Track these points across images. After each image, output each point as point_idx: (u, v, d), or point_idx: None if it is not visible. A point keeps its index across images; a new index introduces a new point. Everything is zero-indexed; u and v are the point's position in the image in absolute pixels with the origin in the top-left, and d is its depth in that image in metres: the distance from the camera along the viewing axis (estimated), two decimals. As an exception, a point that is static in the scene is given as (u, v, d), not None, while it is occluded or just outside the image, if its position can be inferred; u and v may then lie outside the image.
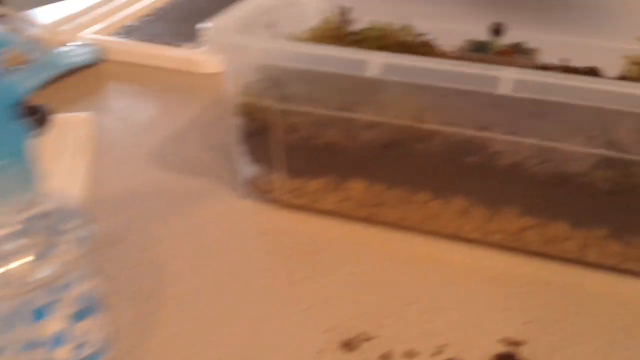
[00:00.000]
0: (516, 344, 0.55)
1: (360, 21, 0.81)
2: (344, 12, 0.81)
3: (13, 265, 0.41)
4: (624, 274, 0.62)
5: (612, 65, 0.74)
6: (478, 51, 0.76)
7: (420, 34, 0.78)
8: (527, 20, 0.77)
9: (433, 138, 0.62)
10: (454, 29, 0.79)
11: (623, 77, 0.74)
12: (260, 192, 0.71)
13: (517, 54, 0.75)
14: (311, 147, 0.66)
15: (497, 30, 0.75)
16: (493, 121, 0.59)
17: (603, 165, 0.58)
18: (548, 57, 0.76)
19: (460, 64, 0.56)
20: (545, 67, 0.77)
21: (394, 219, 0.67)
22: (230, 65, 0.67)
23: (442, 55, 0.76)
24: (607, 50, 0.75)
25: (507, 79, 0.55)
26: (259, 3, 0.72)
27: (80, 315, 0.45)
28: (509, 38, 0.76)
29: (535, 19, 0.77)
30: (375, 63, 0.57)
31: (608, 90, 0.53)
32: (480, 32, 0.77)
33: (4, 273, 0.41)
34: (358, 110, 0.62)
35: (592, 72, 0.76)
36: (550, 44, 0.76)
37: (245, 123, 0.68)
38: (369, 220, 0.68)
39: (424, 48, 0.77)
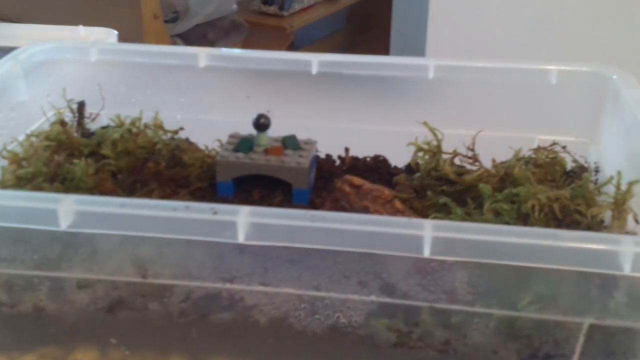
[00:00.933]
0: None
1: (102, 116, 0.66)
2: (79, 108, 0.65)
3: None
4: None
5: (398, 152, 0.63)
6: (243, 150, 0.62)
7: (173, 131, 0.63)
8: (299, 107, 0.64)
9: (170, 294, 0.47)
10: (214, 121, 0.65)
11: (412, 165, 0.63)
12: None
13: (290, 151, 0.61)
14: (14, 315, 0.49)
15: (261, 125, 0.61)
16: (238, 271, 0.45)
17: (381, 313, 0.45)
18: (327, 147, 0.64)
19: (184, 208, 0.42)
20: (328, 160, 0.65)
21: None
22: None
23: (202, 158, 0.62)
24: (390, 135, 0.64)
25: (243, 224, 0.41)
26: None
27: None
28: (279, 129, 0.63)
29: (309, 106, 0.65)
30: (65, 212, 0.42)
31: (371, 232, 0.40)
32: (244, 123, 0.63)
33: None
34: (63, 267, 0.47)
35: (378, 160, 0.65)
36: (329, 131, 0.64)
37: None
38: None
39: (176, 151, 0.62)
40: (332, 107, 0.65)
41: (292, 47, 2.66)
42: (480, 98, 0.64)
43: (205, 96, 0.66)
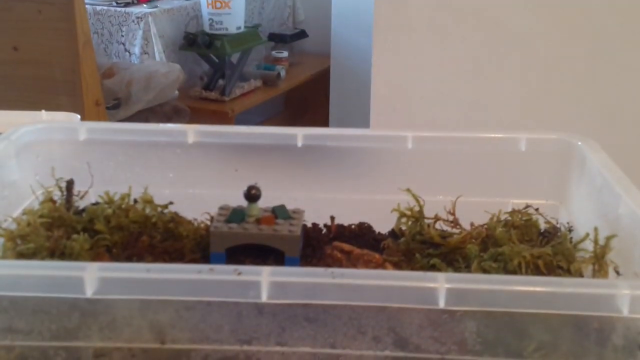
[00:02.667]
0: None
1: (90, 194, 0.67)
2: (68, 186, 0.66)
3: None
4: None
5: (382, 219, 0.66)
6: (235, 220, 0.64)
7: (163, 205, 0.65)
8: (285, 179, 0.67)
9: (187, 359, 0.47)
10: (202, 195, 0.67)
11: (396, 231, 0.66)
12: None
13: (280, 220, 0.64)
14: (26, 388, 0.49)
15: (252, 196, 0.63)
16: (256, 332, 0.46)
17: (395, 368, 0.47)
18: (313, 216, 0.66)
19: (202, 271, 0.43)
20: (315, 228, 0.67)
21: None
22: None
23: (195, 230, 0.63)
24: (373, 203, 0.67)
25: (266, 283, 0.43)
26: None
27: None
28: (267, 200, 0.65)
29: (295, 177, 0.68)
30: (91, 278, 0.43)
31: (388, 286, 0.43)
32: (232, 196, 0.65)
33: None
34: (81, 337, 0.47)
35: (363, 227, 0.68)
36: (314, 201, 0.66)
37: None
38: None
39: (171, 224, 0.63)
40: (316, 177, 0.68)
41: (235, 131, 2.69)
42: (455, 165, 0.68)
43: (194, 171, 0.68)
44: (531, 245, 0.61)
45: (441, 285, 0.43)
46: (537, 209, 0.65)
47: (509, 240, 0.60)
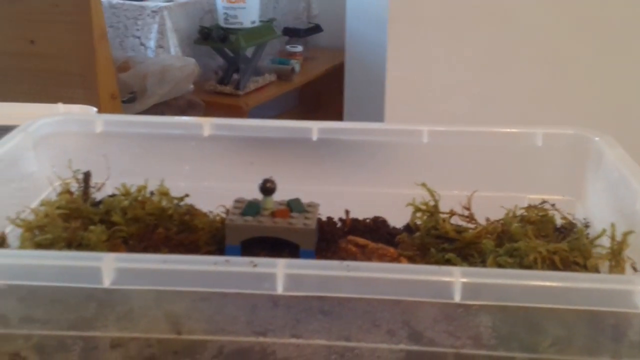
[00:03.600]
0: None
1: (106, 186, 0.67)
2: (85, 178, 0.66)
3: None
4: None
5: (397, 213, 0.66)
6: (250, 213, 0.64)
7: (179, 198, 0.65)
8: (300, 172, 0.67)
9: (203, 350, 0.48)
10: (218, 187, 0.67)
11: (411, 225, 0.66)
12: None
13: (295, 213, 0.64)
14: (42, 377, 0.49)
15: (267, 189, 0.63)
16: (271, 324, 0.47)
17: (410, 361, 0.47)
18: (329, 209, 0.66)
19: (218, 262, 0.43)
20: (329, 222, 0.67)
21: None
22: None
23: (210, 223, 0.64)
24: (388, 197, 0.67)
25: (281, 275, 0.43)
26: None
27: None
28: (281, 193, 0.66)
29: (310, 171, 0.68)
30: (108, 268, 0.43)
31: (403, 280, 0.43)
32: (247, 189, 0.65)
33: None
34: (98, 326, 0.47)
35: (378, 221, 0.68)
36: (329, 195, 0.66)
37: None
38: None
39: (186, 216, 0.64)
40: (332, 171, 0.68)
41: (249, 125, 2.69)
42: (471, 160, 0.68)
43: (209, 164, 0.68)
44: (547, 241, 0.61)
45: (457, 279, 0.43)
46: (553, 205, 0.64)
47: (525, 236, 0.60)
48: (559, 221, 0.64)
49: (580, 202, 0.66)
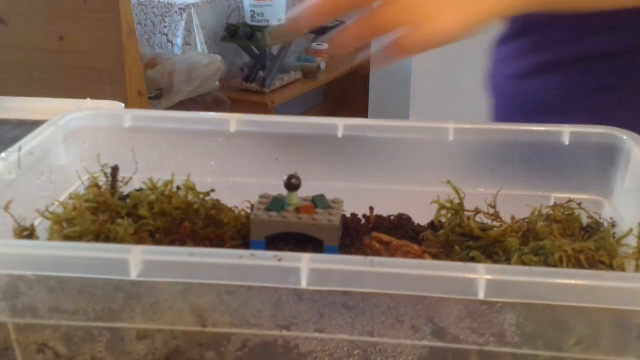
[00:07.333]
0: None
1: (134, 180, 0.68)
2: (113, 172, 0.67)
3: None
4: None
5: (422, 211, 0.66)
6: (275, 209, 0.64)
7: (205, 193, 0.66)
8: (325, 169, 0.67)
9: (227, 342, 0.48)
10: (243, 183, 0.68)
11: (435, 222, 0.66)
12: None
13: (320, 209, 0.64)
14: (69, 367, 0.50)
15: (292, 185, 0.64)
16: (295, 318, 0.47)
17: (432, 358, 0.47)
18: (352, 206, 0.66)
19: (243, 256, 0.44)
20: (353, 218, 0.67)
21: None
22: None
23: (235, 218, 0.64)
24: (413, 194, 0.67)
25: (305, 269, 0.43)
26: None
27: None
28: (306, 189, 0.66)
29: (335, 167, 0.68)
30: (135, 260, 0.44)
31: (427, 276, 0.43)
32: (272, 185, 0.66)
33: None
34: (124, 318, 0.48)
35: (402, 218, 0.68)
36: (353, 191, 0.67)
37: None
38: None
39: (212, 211, 0.64)
40: (356, 168, 0.69)
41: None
42: (497, 158, 0.67)
43: (235, 159, 0.69)
44: (573, 239, 0.60)
45: (481, 276, 0.43)
46: (579, 204, 0.64)
47: (550, 235, 0.59)
48: (585, 220, 0.64)
49: (607, 201, 0.66)
